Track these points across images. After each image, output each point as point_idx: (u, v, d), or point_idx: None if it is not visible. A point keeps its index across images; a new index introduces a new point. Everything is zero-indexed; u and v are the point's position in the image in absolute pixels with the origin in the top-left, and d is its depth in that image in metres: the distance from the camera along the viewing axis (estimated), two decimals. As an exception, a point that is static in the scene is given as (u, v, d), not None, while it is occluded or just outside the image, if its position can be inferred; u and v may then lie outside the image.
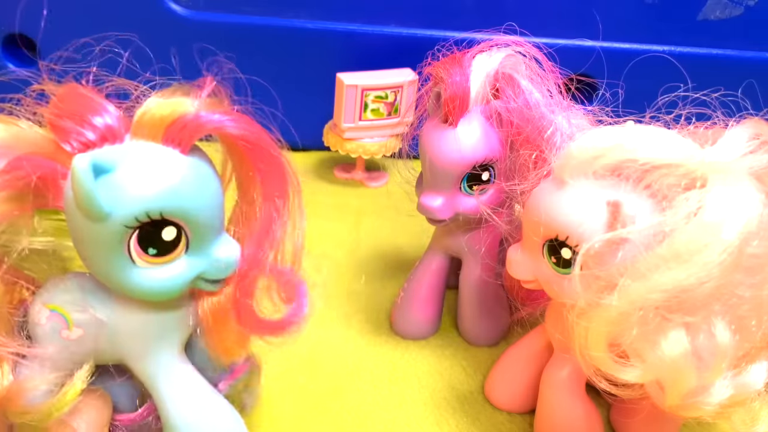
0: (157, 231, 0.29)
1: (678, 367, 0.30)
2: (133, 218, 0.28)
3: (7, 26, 0.65)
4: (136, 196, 0.27)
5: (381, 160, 0.71)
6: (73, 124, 0.28)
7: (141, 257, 0.29)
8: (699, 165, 0.30)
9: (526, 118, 0.39)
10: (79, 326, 0.31)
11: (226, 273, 0.31)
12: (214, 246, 0.31)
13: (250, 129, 0.30)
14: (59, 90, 0.30)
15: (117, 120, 0.29)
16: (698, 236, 0.28)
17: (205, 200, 0.29)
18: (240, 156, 0.31)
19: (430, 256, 0.48)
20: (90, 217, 0.27)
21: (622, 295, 0.30)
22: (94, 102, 0.29)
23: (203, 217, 0.29)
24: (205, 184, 0.30)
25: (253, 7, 0.66)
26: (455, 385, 0.45)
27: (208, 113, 0.29)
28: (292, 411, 0.42)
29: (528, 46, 0.41)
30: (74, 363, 0.31)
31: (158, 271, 0.30)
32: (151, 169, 0.28)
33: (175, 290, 0.31)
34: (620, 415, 0.41)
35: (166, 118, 0.29)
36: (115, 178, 0.27)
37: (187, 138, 0.29)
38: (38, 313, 0.31)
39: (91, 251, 0.29)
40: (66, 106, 0.29)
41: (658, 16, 0.66)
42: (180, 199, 0.28)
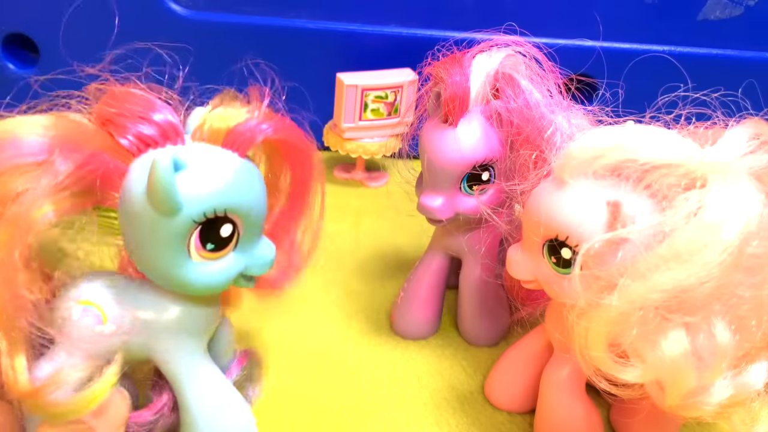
0: (217, 227, 0.31)
1: (678, 367, 0.30)
2: (202, 214, 0.30)
3: (7, 26, 0.65)
4: (206, 194, 0.30)
5: (381, 160, 0.71)
6: (132, 120, 0.30)
7: (198, 252, 0.31)
8: (699, 165, 0.30)
9: (526, 118, 0.39)
10: (112, 322, 0.32)
11: (264, 270, 0.34)
12: (258, 245, 0.33)
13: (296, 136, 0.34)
14: (113, 89, 0.31)
15: (175, 117, 0.31)
16: (698, 236, 0.28)
17: (259, 201, 0.32)
18: (280, 157, 0.35)
19: (430, 256, 0.48)
20: (163, 212, 0.29)
21: (622, 295, 0.30)
22: (149, 100, 0.31)
23: (255, 215, 0.32)
24: (258, 186, 0.32)
25: (253, 7, 0.66)
26: (455, 385, 0.45)
27: (262, 123, 0.32)
28: (292, 411, 0.42)
29: (528, 46, 0.41)
30: (104, 359, 0.32)
31: (210, 266, 0.32)
32: (217, 170, 0.30)
33: (222, 284, 0.33)
34: (620, 415, 0.41)
35: (228, 125, 0.31)
36: (187, 176, 0.29)
37: (245, 144, 0.31)
38: (69, 308, 0.32)
39: (150, 246, 0.31)
40: (122, 103, 0.30)
41: (658, 16, 0.66)
42: (240, 198, 0.31)
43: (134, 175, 0.30)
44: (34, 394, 0.29)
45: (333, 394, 0.44)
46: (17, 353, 0.29)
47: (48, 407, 0.30)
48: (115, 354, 0.32)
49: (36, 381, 0.30)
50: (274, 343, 0.37)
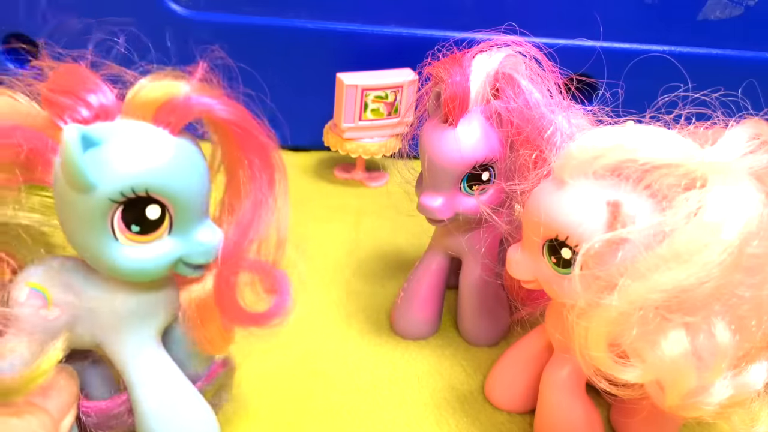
0: (141, 208, 0.29)
1: (678, 367, 0.30)
2: (119, 192, 0.28)
3: (7, 26, 0.65)
4: (123, 171, 0.28)
5: (381, 160, 0.71)
6: (68, 99, 0.29)
7: (124, 234, 0.29)
8: (699, 165, 0.30)
9: (526, 118, 0.39)
10: (56, 305, 0.31)
11: (207, 258, 0.32)
12: (197, 230, 0.31)
13: (240, 114, 0.31)
14: (58, 67, 0.30)
15: (111, 99, 0.30)
16: (698, 236, 0.28)
17: (191, 182, 0.30)
18: (229, 140, 0.32)
19: (430, 256, 0.48)
20: (76, 188, 0.28)
21: (622, 295, 0.30)
22: (90, 80, 0.30)
23: (188, 198, 0.30)
24: (192, 167, 0.30)
25: (253, 7, 0.66)
26: (455, 385, 0.45)
27: (198, 96, 0.30)
28: (292, 410, 0.42)
29: (528, 46, 0.41)
30: (49, 338, 0.31)
31: (140, 249, 0.30)
32: (139, 146, 0.29)
33: (156, 271, 0.31)
34: (620, 415, 0.41)
35: (158, 99, 0.29)
36: (103, 153, 0.28)
37: (176, 119, 0.29)
38: (19, 290, 0.31)
39: (76, 226, 0.30)
40: (62, 83, 0.29)
41: (658, 16, 0.66)
42: (166, 177, 0.29)
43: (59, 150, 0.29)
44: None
45: (333, 394, 0.44)
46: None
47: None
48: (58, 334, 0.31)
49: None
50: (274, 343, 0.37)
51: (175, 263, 0.31)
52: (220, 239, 0.32)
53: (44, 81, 0.30)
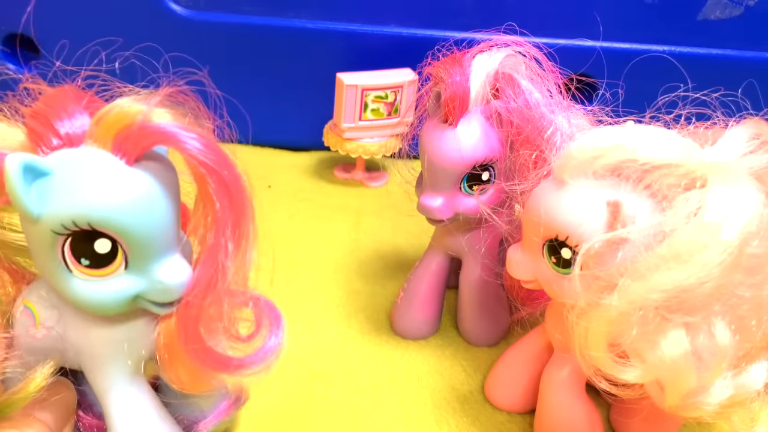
0: (89, 242, 0.28)
1: (678, 367, 0.30)
2: (59, 224, 0.27)
3: (7, 26, 0.65)
4: (64, 203, 0.27)
5: (381, 160, 0.71)
6: (43, 127, 0.28)
7: (76, 267, 0.28)
8: (699, 165, 0.30)
9: (526, 118, 0.39)
10: (43, 326, 0.31)
11: (168, 297, 0.29)
12: (158, 266, 0.29)
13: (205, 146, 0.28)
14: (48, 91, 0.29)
15: (80, 128, 0.28)
16: (698, 236, 0.28)
17: (145, 217, 0.28)
18: (192, 172, 0.28)
19: (430, 256, 0.48)
20: (23, 218, 0.28)
21: (622, 295, 0.30)
22: (68, 107, 0.28)
23: (141, 233, 0.28)
24: (147, 200, 0.28)
25: (253, 7, 0.66)
26: (455, 385, 0.45)
27: (157, 123, 0.27)
28: (292, 410, 0.42)
29: (528, 46, 0.41)
30: (38, 359, 0.31)
31: (94, 284, 0.28)
32: (85, 177, 0.27)
33: (111, 306, 0.29)
34: (620, 415, 0.41)
35: (116, 124, 0.27)
36: (50, 183, 0.27)
37: (131, 147, 0.27)
38: (17, 306, 0.31)
39: (34, 254, 0.29)
40: (43, 109, 0.28)
41: (658, 16, 0.66)
42: (111, 211, 0.27)
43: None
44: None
45: (333, 394, 0.44)
46: None
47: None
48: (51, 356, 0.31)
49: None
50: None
51: (136, 299, 0.29)
52: (186, 277, 0.29)
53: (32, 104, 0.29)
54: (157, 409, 0.34)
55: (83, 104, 0.29)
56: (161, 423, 0.33)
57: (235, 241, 0.29)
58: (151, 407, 0.33)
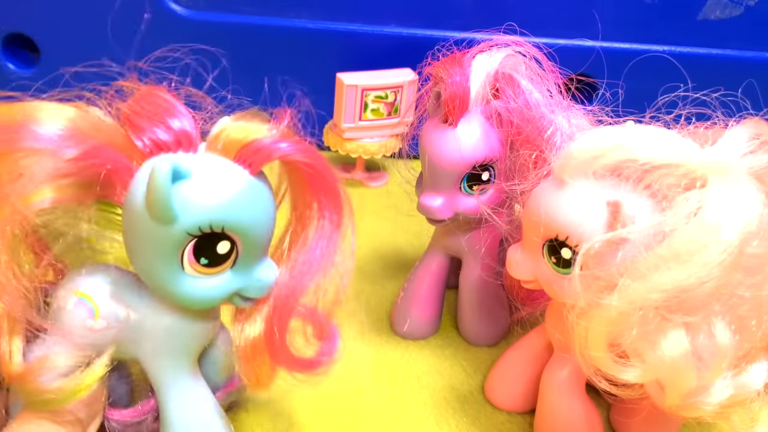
0: (213, 243, 0.30)
1: (678, 367, 0.30)
2: (197, 227, 0.29)
3: (8, 26, 0.65)
4: (204, 207, 0.29)
5: (381, 160, 0.71)
6: (150, 122, 0.30)
7: (192, 265, 0.30)
8: (699, 165, 0.30)
9: (526, 118, 0.39)
10: (104, 318, 0.32)
11: (261, 293, 0.32)
12: (258, 266, 0.32)
13: (315, 158, 0.31)
14: (140, 88, 0.31)
15: (192, 126, 0.30)
16: (698, 236, 0.28)
17: (262, 222, 0.31)
18: (302, 184, 0.32)
19: (430, 256, 0.48)
20: (158, 219, 0.28)
21: (622, 295, 0.30)
22: (172, 105, 0.30)
23: (258, 236, 0.31)
24: (266, 206, 0.31)
25: (253, 7, 0.66)
26: (455, 385, 0.45)
27: (281, 141, 0.30)
28: (292, 410, 0.42)
29: (528, 46, 0.41)
30: (94, 351, 0.32)
31: (203, 281, 0.31)
32: (222, 184, 0.29)
33: (214, 301, 0.32)
34: (620, 415, 0.41)
35: (243, 139, 0.30)
36: (187, 186, 0.28)
37: (258, 160, 0.30)
38: (65, 298, 0.32)
39: (144, 251, 0.30)
40: (145, 105, 0.30)
41: (658, 16, 0.66)
42: (242, 216, 0.30)
43: (141, 176, 0.29)
44: (21, 377, 0.30)
45: (333, 393, 0.44)
46: (14, 335, 0.30)
47: (35, 392, 0.30)
48: (108, 348, 0.32)
49: (23, 364, 0.30)
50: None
51: (232, 295, 0.32)
52: (276, 277, 0.33)
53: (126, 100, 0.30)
54: (213, 402, 0.36)
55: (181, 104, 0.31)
56: (217, 415, 0.35)
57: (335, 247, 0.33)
58: (208, 400, 0.35)
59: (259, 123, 0.31)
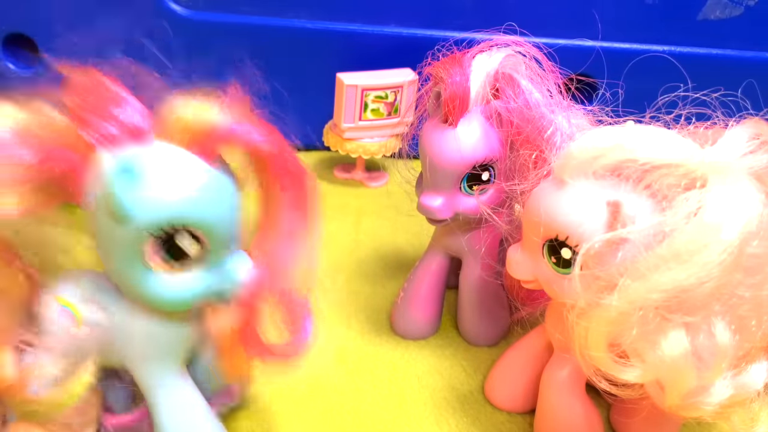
0: (175, 240, 0.29)
1: (678, 367, 0.30)
2: (156, 226, 0.28)
3: (8, 26, 0.65)
4: (161, 205, 0.27)
5: (381, 160, 0.71)
6: (97, 116, 0.28)
7: (157, 264, 0.29)
8: (699, 165, 0.30)
9: (526, 118, 0.39)
10: (86, 324, 0.31)
11: (237, 289, 0.31)
12: (229, 261, 0.30)
13: (278, 144, 0.30)
14: (85, 79, 0.29)
15: (142, 117, 0.28)
16: (698, 236, 0.28)
17: (226, 213, 0.29)
18: (266, 171, 0.31)
19: (430, 256, 0.48)
20: (114, 219, 0.27)
21: (622, 295, 0.30)
22: (118, 95, 0.28)
23: (222, 230, 0.29)
24: (227, 197, 0.29)
25: (253, 7, 0.66)
26: (455, 385, 0.45)
27: (239, 125, 0.29)
28: (292, 410, 0.42)
29: (528, 46, 0.41)
30: (80, 358, 0.31)
31: (172, 279, 0.29)
32: (178, 178, 0.28)
33: (187, 300, 0.30)
34: (620, 415, 0.41)
35: (196, 124, 0.28)
36: (142, 183, 0.27)
37: (213, 147, 0.28)
38: (49, 306, 0.31)
39: (109, 251, 0.29)
40: (91, 97, 0.28)
41: (658, 16, 0.66)
42: (203, 210, 0.28)
43: (93, 174, 0.28)
44: (8, 388, 0.29)
45: (333, 394, 0.44)
46: (3, 348, 0.29)
47: (23, 402, 0.30)
48: (89, 355, 0.31)
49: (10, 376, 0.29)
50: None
51: (206, 293, 0.31)
52: (251, 270, 0.31)
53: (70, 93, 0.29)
54: (203, 403, 0.35)
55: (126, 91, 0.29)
56: (208, 416, 0.35)
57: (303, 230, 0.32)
58: (197, 401, 0.34)
59: (210, 104, 0.29)
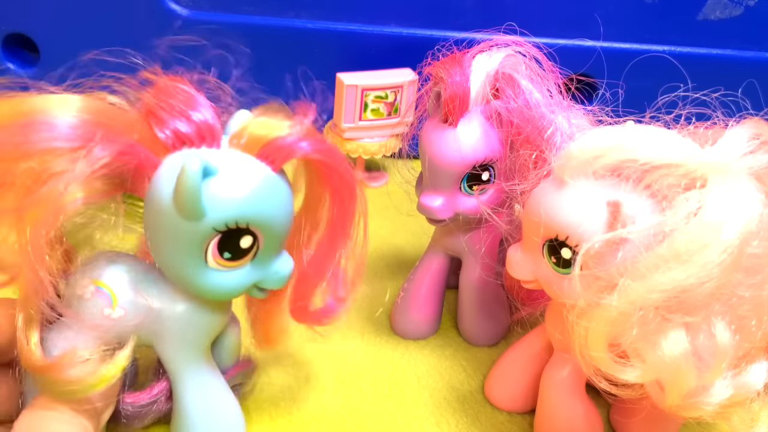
0: (237, 238, 0.31)
1: (678, 367, 0.30)
2: (224, 223, 0.30)
3: (8, 26, 0.65)
4: (232, 204, 0.29)
5: (381, 160, 0.71)
6: (172, 115, 0.30)
7: (215, 259, 0.31)
8: (699, 165, 0.30)
9: (526, 118, 0.39)
10: (122, 307, 0.32)
11: (279, 285, 0.34)
12: (276, 260, 0.33)
13: (335, 157, 0.32)
14: (161, 79, 0.31)
15: (215, 119, 0.30)
16: (698, 236, 0.28)
17: (284, 217, 0.32)
18: (319, 180, 0.33)
19: (430, 256, 0.48)
20: (186, 216, 0.29)
21: (622, 295, 0.30)
22: (193, 97, 0.30)
23: (279, 231, 0.32)
24: (286, 202, 0.32)
25: (253, 7, 0.66)
26: (455, 385, 0.45)
27: (303, 139, 0.31)
28: (292, 411, 0.42)
29: (528, 46, 0.41)
30: (114, 339, 0.32)
31: (225, 274, 0.31)
32: (247, 181, 0.30)
33: (234, 293, 0.33)
34: (620, 415, 0.41)
35: (266, 136, 0.30)
36: (215, 183, 0.29)
37: (280, 158, 0.31)
38: (84, 287, 0.32)
39: (168, 244, 0.31)
40: (166, 96, 0.30)
41: (658, 16, 0.66)
42: (266, 212, 0.30)
43: (164, 170, 0.30)
44: (47, 370, 0.30)
45: (333, 394, 0.44)
46: (32, 329, 0.30)
47: (60, 383, 0.30)
48: (126, 338, 0.32)
49: (49, 357, 0.30)
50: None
51: (251, 287, 0.33)
52: (292, 269, 0.34)
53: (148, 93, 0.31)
54: (227, 389, 0.37)
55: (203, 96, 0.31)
56: (230, 397, 0.37)
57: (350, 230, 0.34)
58: (223, 387, 0.37)
59: (282, 119, 0.31)
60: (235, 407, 0.37)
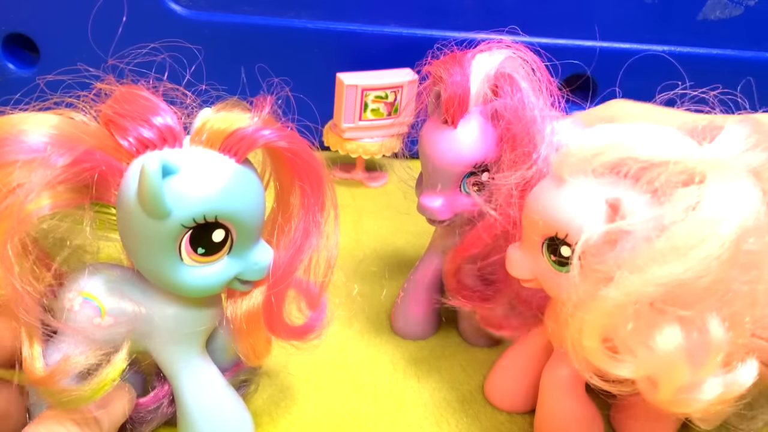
0: (208, 232, 0.31)
1: (672, 362, 0.30)
2: (191, 219, 0.30)
3: (8, 26, 0.65)
4: (196, 199, 0.30)
5: (381, 160, 0.71)
6: (133, 122, 0.31)
7: (190, 255, 0.31)
8: (698, 162, 0.30)
9: (518, 117, 0.39)
10: (110, 315, 0.33)
11: (260, 275, 0.34)
12: (253, 250, 0.33)
13: (298, 144, 0.33)
14: (119, 89, 0.32)
15: (175, 121, 0.31)
16: (696, 230, 0.28)
17: (253, 206, 0.32)
18: (285, 169, 0.34)
19: (430, 256, 0.48)
20: (152, 215, 0.29)
21: (619, 288, 0.29)
22: (152, 102, 0.31)
23: (250, 222, 0.32)
24: (254, 192, 0.32)
25: (253, 7, 0.66)
26: (455, 385, 0.45)
27: (263, 128, 0.32)
28: (292, 411, 0.42)
29: (527, 47, 0.41)
30: (111, 347, 0.33)
31: (202, 269, 0.32)
32: (211, 175, 0.30)
33: (215, 288, 0.33)
34: (620, 414, 0.41)
35: (226, 129, 0.31)
36: (178, 181, 0.29)
37: (243, 149, 0.31)
38: (71, 299, 0.33)
39: (142, 247, 0.31)
40: (125, 105, 0.31)
41: (658, 16, 0.66)
42: (234, 204, 0.31)
43: (130, 175, 0.30)
44: (45, 380, 0.30)
45: (333, 394, 0.44)
46: (34, 341, 0.31)
47: (58, 393, 0.31)
48: (121, 344, 0.33)
49: (46, 368, 0.31)
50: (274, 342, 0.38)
51: (231, 280, 0.33)
52: (272, 258, 0.34)
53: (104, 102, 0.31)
54: (225, 383, 0.37)
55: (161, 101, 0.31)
56: (230, 394, 0.37)
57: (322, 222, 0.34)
58: (220, 381, 0.37)
59: (240, 112, 0.32)
60: (238, 404, 0.38)
